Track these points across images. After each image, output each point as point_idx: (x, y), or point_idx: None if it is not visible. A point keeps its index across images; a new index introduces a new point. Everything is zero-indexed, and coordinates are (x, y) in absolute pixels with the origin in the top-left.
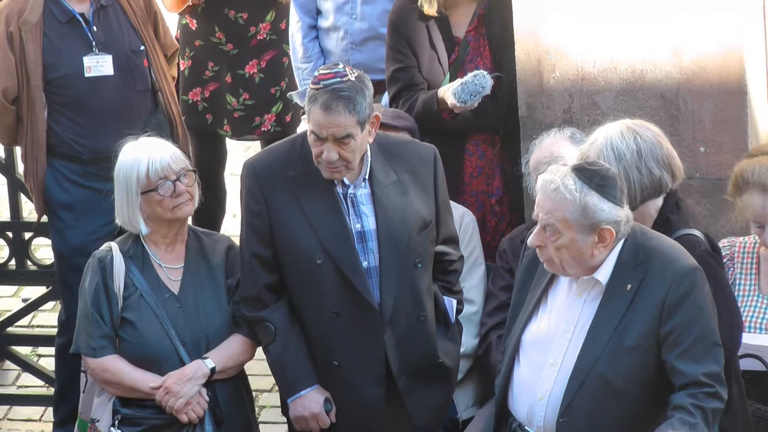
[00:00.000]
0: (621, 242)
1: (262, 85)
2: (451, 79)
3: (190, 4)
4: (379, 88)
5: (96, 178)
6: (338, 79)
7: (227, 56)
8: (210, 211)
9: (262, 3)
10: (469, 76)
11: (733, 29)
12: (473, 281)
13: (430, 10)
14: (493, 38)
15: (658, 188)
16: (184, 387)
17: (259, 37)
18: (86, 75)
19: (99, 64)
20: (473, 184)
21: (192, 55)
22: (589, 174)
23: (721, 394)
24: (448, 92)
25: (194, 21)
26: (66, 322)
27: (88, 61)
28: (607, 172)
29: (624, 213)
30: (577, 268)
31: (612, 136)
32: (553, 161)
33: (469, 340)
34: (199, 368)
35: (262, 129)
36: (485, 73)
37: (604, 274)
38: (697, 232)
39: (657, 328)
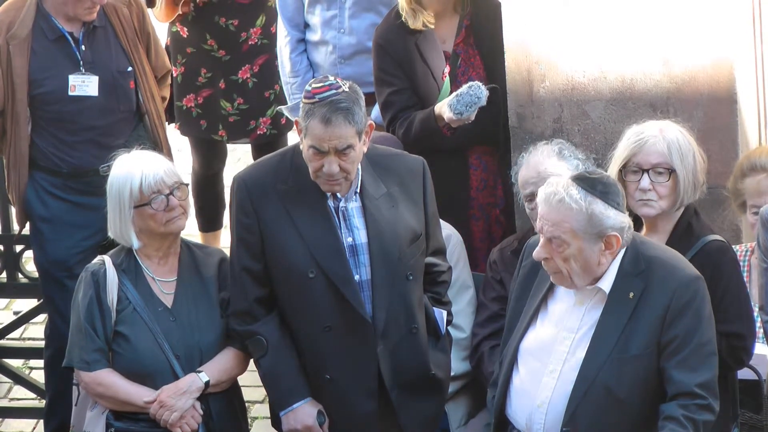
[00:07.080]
0: (622, 251)
1: (256, 89)
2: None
3: (180, 13)
4: (368, 100)
5: (76, 192)
6: (334, 91)
7: (220, 63)
8: (211, 209)
9: (252, 8)
10: (464, 87)
11: (722, 38)
12: (460, 305)
13: (416, 24)
14: (483, 47)
15: None
16: (178, 400)
17: (250, 42)
18: (70, 93)
19: (84, 84)
20: (479, 197)
21: (184, 62)
22: (591, 182)
23: (713, 406)
24: (445, 107)
25: (185, 29)
26: (51, 335)
27: (73, 79)
28: (608, 179)
29: (627, 219)
30: (584, 278)
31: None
32: (540, 182)
33: (456, 364)
34: (193, 382)
35: (258, 132)
36: (480, 84)
37: (606, 283)
38: (723, 239)
39: (658, 337)
